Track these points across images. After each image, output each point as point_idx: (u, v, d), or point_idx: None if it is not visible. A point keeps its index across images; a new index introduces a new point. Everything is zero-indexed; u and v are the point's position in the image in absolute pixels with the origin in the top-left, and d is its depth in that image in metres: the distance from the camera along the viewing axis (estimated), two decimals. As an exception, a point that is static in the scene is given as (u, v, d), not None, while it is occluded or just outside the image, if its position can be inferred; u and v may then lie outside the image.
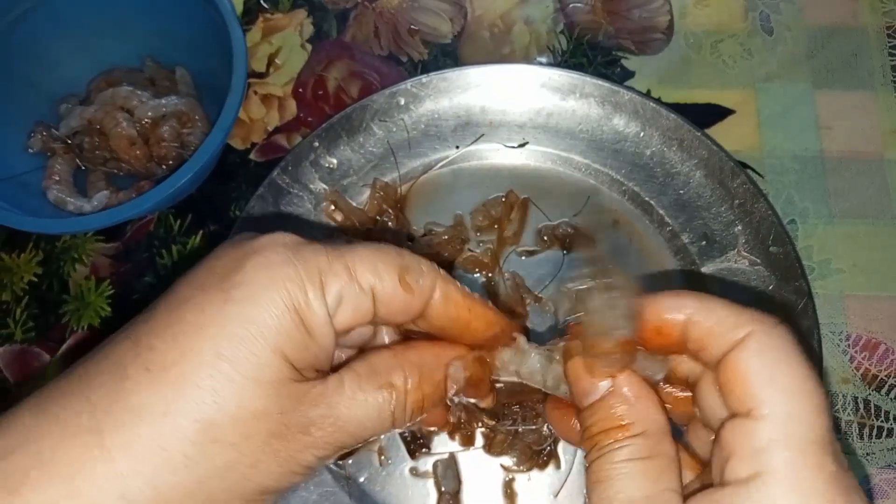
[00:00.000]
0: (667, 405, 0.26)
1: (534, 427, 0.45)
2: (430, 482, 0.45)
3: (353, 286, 0.25)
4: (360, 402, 0.25)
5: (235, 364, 0.23)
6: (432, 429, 0.31)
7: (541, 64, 0.57)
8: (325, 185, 0.52)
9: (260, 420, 0.23)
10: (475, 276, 0.50)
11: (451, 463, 0.45)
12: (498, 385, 0.31)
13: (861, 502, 0.21)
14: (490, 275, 0.50)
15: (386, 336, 0.30)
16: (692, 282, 0.49)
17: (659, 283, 0.50)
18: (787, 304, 0.47)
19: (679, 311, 0.25)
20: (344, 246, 0.26)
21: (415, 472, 0.46)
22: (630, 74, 0.57)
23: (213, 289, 0.24)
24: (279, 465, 0.24)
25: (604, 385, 0.25)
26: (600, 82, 0.52)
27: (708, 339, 0.24)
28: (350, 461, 0.46)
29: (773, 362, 0.22)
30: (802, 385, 0.22)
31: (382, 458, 0.46)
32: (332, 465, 0.46)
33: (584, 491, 0.39)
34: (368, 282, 0.25)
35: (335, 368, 0.26)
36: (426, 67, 0.58)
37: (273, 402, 0.23)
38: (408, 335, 0.29)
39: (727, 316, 0.24)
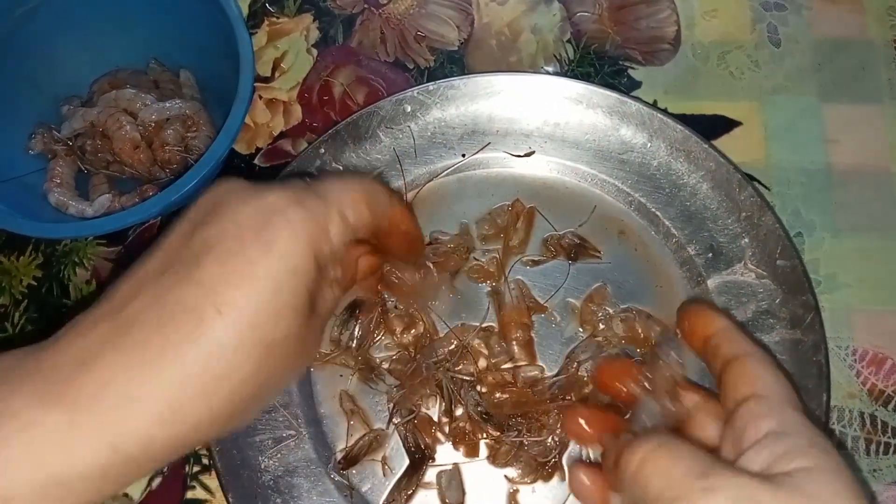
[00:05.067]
0: None
1: (538, 438, 0.44)
2: (434, 493, 0.45)
3: (347, 229, 0.34)
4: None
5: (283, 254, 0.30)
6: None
7: (548, 73, 0.57)
8: (330, 192, 0.52)
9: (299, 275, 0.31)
10: (480, 285, 0.50)
11: (454, 474, 0.45)
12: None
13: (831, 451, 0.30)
14: (495, 284, 0.50)
15: None
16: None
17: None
18: (793, 316, 0.47)
19: (709, 327, 0.38)
20: (321, 184, 0.34)
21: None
22: (637, 84, 0.57)
23: (253, 245, 0.30)
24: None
25: None
26: (608, 92, 0.52)
27: (717, 350, 0.37)
28: (354, 471, 0.46)
29: (760, 368, 0.34)
30: (776, 376, 0.34)
31: (386, 468, 0.46)
32: (335, 476, 0.45)
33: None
34: (354, 219, 0.34)
35: None
36: (432, 74, 0.58)
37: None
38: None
39: (738, 334, 0.37)
